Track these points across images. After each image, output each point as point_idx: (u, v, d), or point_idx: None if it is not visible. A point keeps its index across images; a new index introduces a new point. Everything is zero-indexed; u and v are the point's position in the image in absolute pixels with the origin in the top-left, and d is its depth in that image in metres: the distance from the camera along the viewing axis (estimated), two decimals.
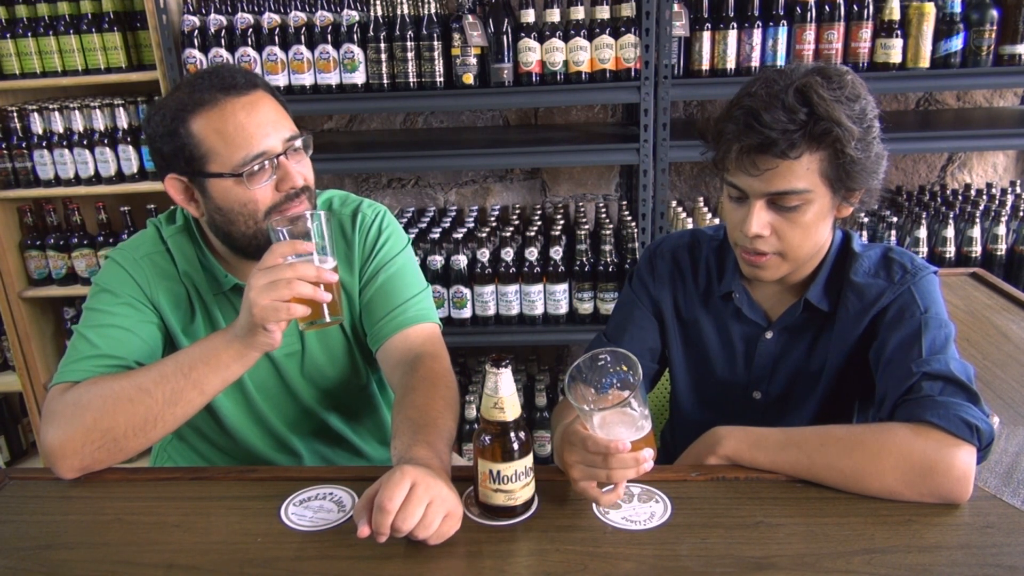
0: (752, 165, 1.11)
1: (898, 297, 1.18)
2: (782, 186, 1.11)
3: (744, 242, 1.18)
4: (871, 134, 1.11)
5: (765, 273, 1.21)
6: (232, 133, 1.17)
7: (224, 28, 2.32)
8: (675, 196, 2.83)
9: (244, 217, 1.22)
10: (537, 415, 2.60)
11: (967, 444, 1.01)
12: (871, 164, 1.12)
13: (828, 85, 1.09)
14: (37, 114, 2.54)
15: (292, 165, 1.21)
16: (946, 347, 1.12)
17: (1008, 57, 2.28)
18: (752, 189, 1.14)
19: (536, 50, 2.27)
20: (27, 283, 2.71)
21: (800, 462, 1.08)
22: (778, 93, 1.08)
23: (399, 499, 0.92)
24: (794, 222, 1.14)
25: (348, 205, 1.42)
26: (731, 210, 1.20)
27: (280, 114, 1.23)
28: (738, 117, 1.11)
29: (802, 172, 1.10)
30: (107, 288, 1.28)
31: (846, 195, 1.16)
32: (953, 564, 0.92)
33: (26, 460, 3.02)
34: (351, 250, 1.37)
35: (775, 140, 1.07)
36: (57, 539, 1.04)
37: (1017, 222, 2.39)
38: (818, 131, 1.07)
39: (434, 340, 1.35)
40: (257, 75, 1.27)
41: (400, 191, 2.94)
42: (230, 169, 1.18)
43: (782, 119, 1.07)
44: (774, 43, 2.27)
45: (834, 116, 1.07)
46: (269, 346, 1.15)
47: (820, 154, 1.10)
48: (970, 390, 1.06)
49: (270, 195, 1.21)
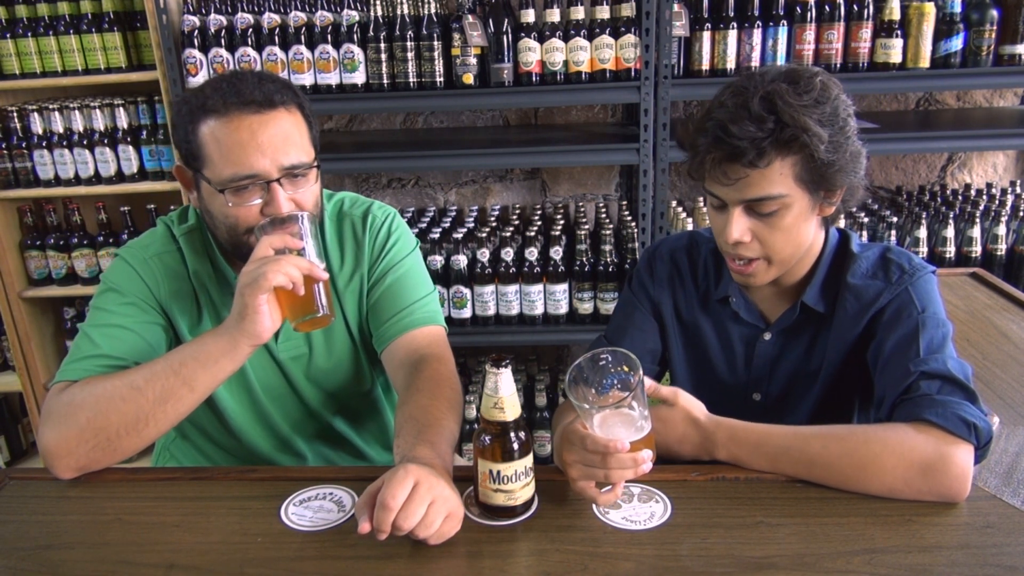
0: (724, 175, 1.12)
1: (895, 297, 1.18)
2: (757, 193, 1.12)
3: (727, 249, 1.19)
4: (844, 134, 1.11)
5: (754, 280, 1.21)
6: (228, 148, 1.17)
7: (224, 28, 2.32)
8: (675, 196, 2.83)
9: (224, 228, 1.24)
10: (537, 415, 2.60)
11: (965, 442, 1.01)
12: (847, 163, 1.12)
13: (795, 91, 1.08)
14: (37, 114, 2.54)
15: (283, 192, 1.19)
16: (943, 346, 1.12)
17: (1008, 57, 2.27)
18: (728, 197, 1.14)
19: (536, 50, 2.27)
20: (27, 283, 2.71)
21: (800, 462, 1.08)
22: (745, 103, 1.09)
23: (402, 497, 0.92)
24: (774, 227, 1.15)
25: (359, 207, 1.42)
26: (713, 217, 1.21)
27: (292, 138, 1.20)
28: (708, 129, 1.12)
29: (776, 178, 1.10)
30: (114, 287, 1.28)
31: (826, 195, 1.16)
32: (953, 564, 0.92)
33: (26, 460, 3.02)
34: (361, 251, 1.38)
35: (744, 150, 1.08)
36: (57, 539, 1.04)
37: (1017, 222, 2.39)
38: (785, 137, 1.07)
39: (439, 342, 1.35)
40: (285, 90, 1.22)
41: (400, 191, 2.94)
42: (218, 182, 1.19)
43: (750, 129, 1.07)
44: (774, 43, 2.27)
45: (800, 123, 1.07)
46: (256, 336, 1.13)
47: (792, 159, 1.10)
48: (968, 389, 1.06)
49: (253, 216, 1.20)
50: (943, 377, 1.07)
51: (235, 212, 1.20)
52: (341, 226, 1.40)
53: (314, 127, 1.27)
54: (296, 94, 1.25)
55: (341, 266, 1.38)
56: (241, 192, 1.19)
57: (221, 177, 1.18)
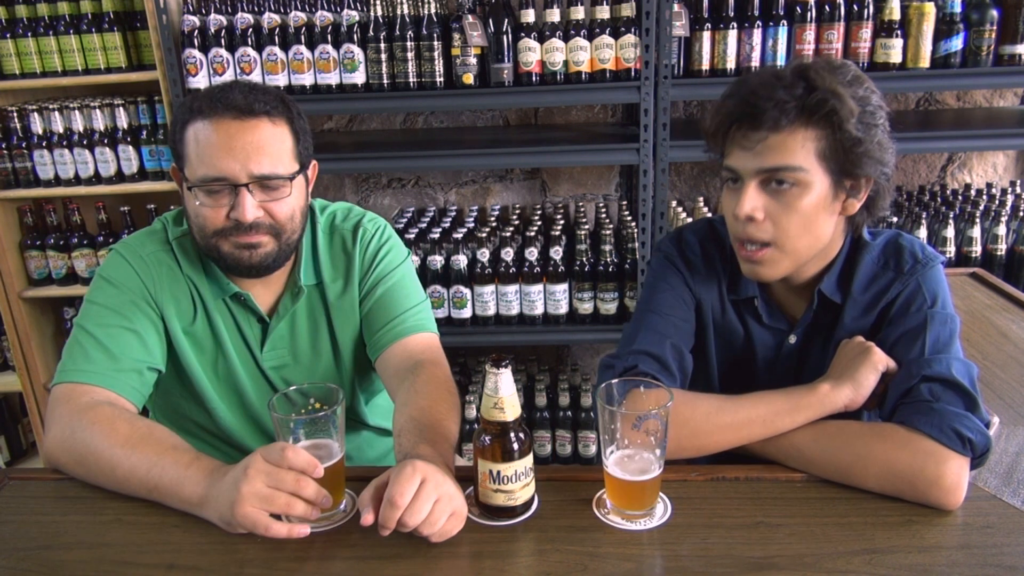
0: (744, 138, 1.09)
1: (906, 288, 1.16)
2: (775, 161, 1.08)
3: (738, 230, 1.14)
4: (875, 120, 1.08)
5: (763, 270, 1.15)
6: (203, 148, 1.20)
7: (224, 28, 2.32)
8: (675, 196, 2.83)
9: (196, 227, 1.27)
10: (537, 415, 2.60)
11: (959, 456, 1.00)
12: (874, 149, 1.08)
13: (830, 67, 1.08)
14: (37, 114, 2.53)
15: (251, 199, 1.21)
16: (949, 345, 1.11)
17: (1008, 57, 2.27)
18: (745, 168, 1.11)
19: (536, 50, 2.27)
20: (27, 283, 2.70)
21: (791, 454, 1.10)
22: (777, 72, 1.09)
23: (409, 495, 0.93)
24: (789, 206, 1.10)
25: (350, 219, 1.44)
26: (727, 199, 1.17)
27: (269, 148, 1.21)
28: (735, 93, 1.11)
29: (797, 148, 1.07)
30: (112, 282, 1.29)
31: (850, 186, 1.12)
32: (953, 564, 0.92)
33: (26, 460, 3.02)
34: (352, 264, 1.39)
35: (766, 110, 1.06)
36: (57, 539, 1.04)
37: (1017, 222, 2.39)
38: (813, 102, 1.05)
39: (433, 348, 1.36)
40: (275, 102, 1.23)
41: (400, 191, 2.94)
42: (191, 180, 1.22)
43: (778, 92, 1.06)
44: (774, 43, 2.26)
45: (831, 87, 1.05)
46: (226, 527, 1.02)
47: (817, 132, 1.07)
48: (969, 395, 1.05)
49: (221, 220, 1.23)
50: (945, 381, 1.06)
51: (204, 212, 1.23)
52: (333, 239, 1.42)
53: (303, 141, 1.28)
54: (288, 108, 1.26)
55: (333, 279, 1.39)
56: (211, 194, 1.22)
57: (195, 176, 1.22)
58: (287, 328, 1.38)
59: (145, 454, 1.09)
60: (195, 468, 1.06)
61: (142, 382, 1.26)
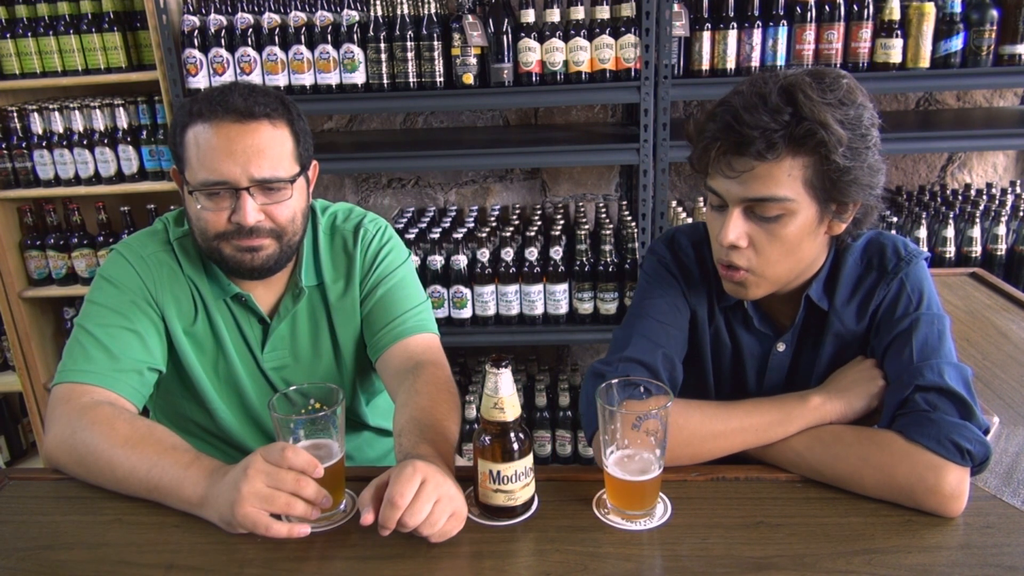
0: (728, 167, 1.05)
1: (890, 290, 1.15)
2: (761, 191, 1.04)
3: (721, 254, 1.12)
4: (866, 143, 1.03)
5: (745, 291, 1.14)
6: (204, 152, 1.20)
7: (224, 28, 2.32)
8: (675, 196, 2.83)
9: (197, 230, 1.27)
10: (537, 415, 2.60)
11: (958, 467, 0.99)
12: (863, 175, 1.04)
13: (818, 86, 1.02)
14: (37, 114, 2.54)
15: (252, 202, 1.21)
16: (940, 346, 1.09)
17: (1008, 57, 2.27)
18: (730, 194, 1.07)
19: (536, 50, 2.27)
20: (27, 283, 2.70)
21: (789, 458, 1.10)
22: (764, 92, 1.02)
23: (410, 496, 0.93)
24: (774, 235, 1.07)
25: (351, 220, 1.44)
26: (711, 220, 1.14)
27: (269, 151, 1.21)
28: (719, 115, 1.05)
29: (783, 178, 1.03)
30: (113, 283, 1.29)
31: (837, 210, 1.08)
32: (953, 564, 0.92)
33: (26, 460, 3.02)
34: (352, 265, 1.39)
35: (753, 139, 1.00)
36: (57, 539, 1.04)
37: (1017, 222, 2.39)
38: (800, 132, 1.00)
39: (434, 349, 1.36)
40: (275, 104, 1.23)
41: (400, 191, 2.94)
42: (191, 184, 1.23)
43: (764, 119, 1.00)
44: (774, 43, 2.27)
45: (819, 117, 0.99)
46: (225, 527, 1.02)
47: (804, 160, 1.02)
48: (964, 402, 1.03)
49: (222, 223, 1.23)
50: (938, 389, 1.04)
51: (205, 216, 1.23)
52: (334, 240, 1.42)
53: (303, 143, 1.28)
54: (288, 110, 1.26)
55: (334, 280, 1.39)
56: (212, 197, 1.22)
57: (196, 180, 1.22)
58: (288, 329, 1.38)
59: (145, 454, 1.09)
60: (195, 468, 1.06)
61: (142, 382, 1.26)
